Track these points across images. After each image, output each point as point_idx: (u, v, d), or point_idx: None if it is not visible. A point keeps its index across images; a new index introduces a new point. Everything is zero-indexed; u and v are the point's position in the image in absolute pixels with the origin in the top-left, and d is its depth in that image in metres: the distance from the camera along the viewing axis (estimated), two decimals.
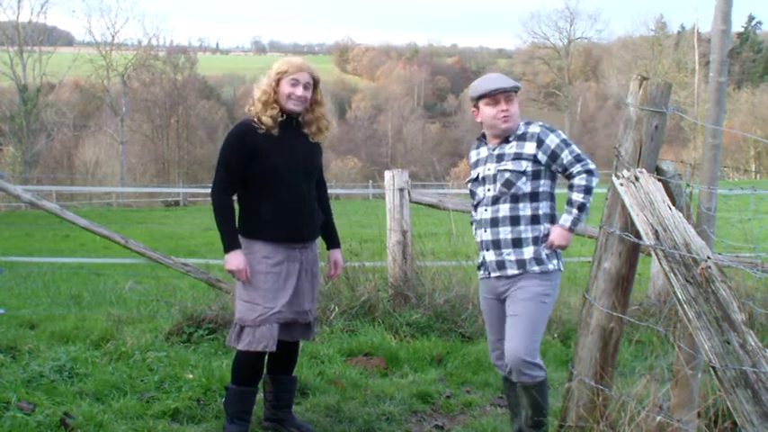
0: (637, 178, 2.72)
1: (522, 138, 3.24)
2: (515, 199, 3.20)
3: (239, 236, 3.46)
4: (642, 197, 2.65)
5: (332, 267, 3.80)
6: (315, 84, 3.52)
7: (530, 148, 3.20)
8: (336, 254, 3.79)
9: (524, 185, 3.19)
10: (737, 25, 55.48)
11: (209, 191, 3.55)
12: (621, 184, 2.75)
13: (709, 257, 2.37)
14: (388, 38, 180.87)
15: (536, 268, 3.19)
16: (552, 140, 3.18)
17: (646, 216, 2.59)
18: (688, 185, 2.87)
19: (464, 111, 67.46)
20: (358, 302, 5.59)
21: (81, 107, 48.04)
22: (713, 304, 2.30)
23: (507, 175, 3.20)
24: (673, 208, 2.59)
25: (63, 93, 46.38)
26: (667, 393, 2.90)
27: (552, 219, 3.27)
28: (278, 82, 3.43)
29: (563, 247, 3.22)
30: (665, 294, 5.70)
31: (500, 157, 3.26)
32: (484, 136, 3.40)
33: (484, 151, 3.37)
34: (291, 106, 3.45)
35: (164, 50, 52.77)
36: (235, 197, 3.54)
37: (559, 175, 3.25)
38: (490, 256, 3.27)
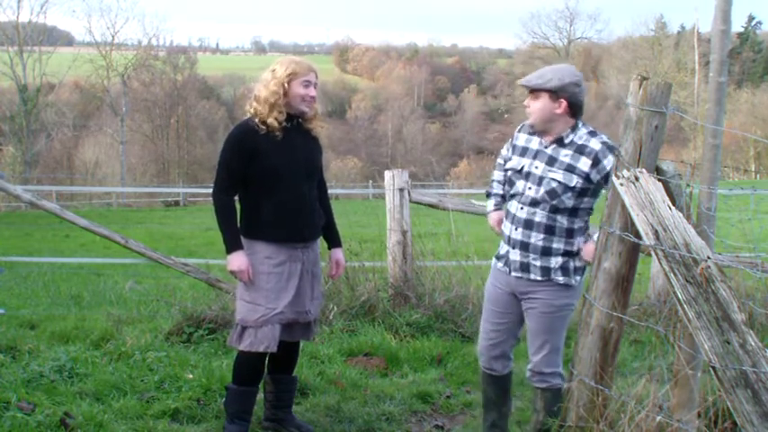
0: (637, 178, 2.71)
1: (581, 150, 3.09)
2: (555, 210, 3.12)
3: (241, 236, 3.46)
4: (642, 197, 2.64)
5: (333, 267, 3.80)
6: None
7: (584, 164, 3.07)
8: (338, 253, 3.79)
9: (568, 200, 3.11)
10: (737, 25, 55.52)
11: (209, 191, 3.55)
12: (621, 184, 2.74)
13: (709, 257, 2.37)
14: (388, 38, 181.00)
15: (560, 278, 3.16)
16: (610, 162, 3.03)
17: (646, 216, 2.58)
18: (688, 185, 2.87)
19: (464, 111, 67.58)
20: (358, 302, 5.59)
21: (81, 107, 48.02)
22: (713, 304, 2.30)
23: (554, 185, 3.10)
24: (673, 208, 2.59)
25: (63, 93, 46.36)
26: (667, 393, 2.90)
27: (585, 232, 3.21)
28: (289, 84, 3.41)
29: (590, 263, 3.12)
30: (665, 294, 5.70)
31: (552, 161, 3.13)
32: None
33: (535, 143, 3.21)
34: (304, 108, 3.45)
35: (164, 50, 52.77)
36: (236, 197, 3.54)
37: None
38: (515, 255, 3.22)
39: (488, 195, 3.52)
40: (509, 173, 3.29)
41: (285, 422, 3.68)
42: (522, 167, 3.21)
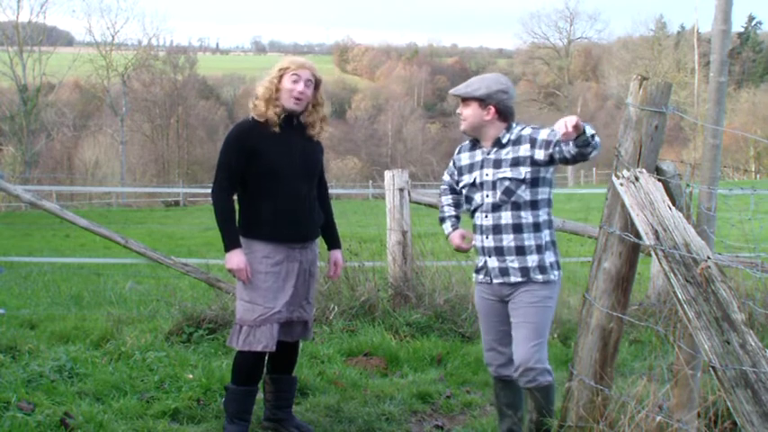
0: (637, 178, 2.71)
1: (518, 142, 3.24)
2: (517, 207, 3.21)
3: (239, 235, 3.46)
4: (642, 197, 2.64)
5: (332, 267, 3.80)
6: (316, 84, 3.52)
7: (525, 150, 3.20)
8: (337, 254, 3.79)
9: (524, 193, 3.19)
10: (737, 25, 55.51)
11: (209, 191, 3.56)
12: (621, 184, 2.74)
13: (709, 257, 2.37)
14: (388, 38, 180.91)
15: (539, 277, 3.19)
16: (543, 133, 3.19)
17: (646, 216, 2.58)
18: (688, 185, 2.87)
19: None
20: (358, 302, 5.59)
21: (81, 107, 48.05)
22: (713, 304, 2.30)
23: (507, 183, 3.21)
24: (673, 208, 2.59)
25: (63, 93, 46.36)
26: (667, 393, 2.90)
27: (551, 225, 3.29)
28: (280, 78, 3.43)
29: (571, 129, 2.82)
30: (664, 294, 5.70)
31: (498, 163, 3.26)
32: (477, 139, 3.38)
33: (478, 154, 3.35)
34: (292, 104, 3.44)
35: (164, 50, 52.72)
36: (235, 197, 3.54)
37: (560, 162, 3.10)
38: (493, 262, 3.26)
39: (442, 220, 3.53)
40: (465, 190, 3.40)
41: (285, 422, 3.67)
42: (475, 180, 3.33)
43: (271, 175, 3.41)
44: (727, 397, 2.20)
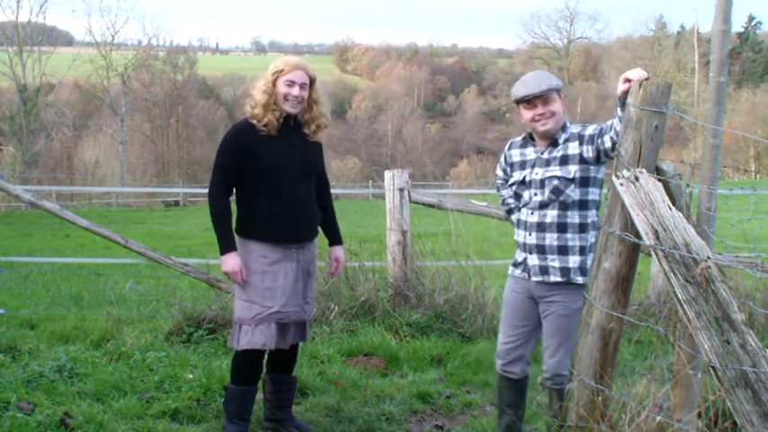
0: (637, 178, 2.71)
1: (568, 140, 3.21)
2: (564, 206, 3.18)
3: (237, 235, 3.46)
4: (642, 197, 2.64)
5: (333, 264, 3.80)
6: (311, 82, 3.51)
7: (574, 149, 3.17)
8: (338, 251, 3.79)
9: (573, 193, 3.17)
10: (737, 25, 55.50)
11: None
12: (621, 184, 2.74)
13: (709, 257, 2.36)
14: (388, 38, 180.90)
15: (579, 279, 3.18)
16: (589, 129, 3.17)
17: (646, 216, 2.58)
18: (688, 185, 2.86)
19: (464, 111, 67.57)
20: (358, 302, 5.59)
21: (81, 107, 48.03)
22: (713, 304, 2.30)
23: (555, 182, 3.18)
24: (673, 208, 2.59)
25: (63, 93, 46.35)
26: (667, 393, 2.90)
27: (597, 226, 3.24)
28: (274, 82, 3.42)
29: (645, 75, 2.81)
30: (664, 294, 5.70)
31: (548, 162, 3.22)
32: (531, 136, 3.33)
33: (531, 153, 3.31)
34: (288, 108, 3.44)
35: (164, 50, 52.69)
36: (233, 198, 3.54)
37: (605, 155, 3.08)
38: (533, 260, 3.25)
39: (510, 212, 3.52)
40: (514, 187, 3.37)
41: (285, 422, 3.67)
42: (524, 177, 3.30)
43: (267, 174, 3.41)
44: (728, 397, 2.20)
